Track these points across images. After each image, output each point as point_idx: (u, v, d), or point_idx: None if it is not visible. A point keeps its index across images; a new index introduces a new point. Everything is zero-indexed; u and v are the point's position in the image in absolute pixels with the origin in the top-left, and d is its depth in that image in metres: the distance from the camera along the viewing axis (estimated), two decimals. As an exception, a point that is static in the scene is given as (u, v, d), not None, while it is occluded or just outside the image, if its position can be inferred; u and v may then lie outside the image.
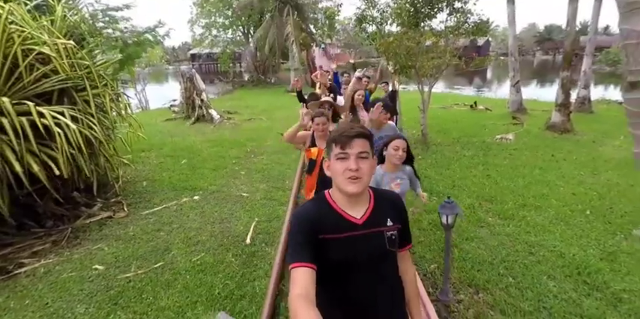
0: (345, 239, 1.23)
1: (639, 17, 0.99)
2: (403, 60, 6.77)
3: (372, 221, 1.27)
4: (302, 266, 1.09)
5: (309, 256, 1.13)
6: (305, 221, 1.22)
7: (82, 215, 4.76)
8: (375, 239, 1.27)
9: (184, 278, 3.32)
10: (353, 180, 1.19)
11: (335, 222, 1.24)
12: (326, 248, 1.20)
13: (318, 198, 1.33)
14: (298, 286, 1.04)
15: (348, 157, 1.19)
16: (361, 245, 1.24)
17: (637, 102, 1.04)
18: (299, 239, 1.18)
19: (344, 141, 1.20)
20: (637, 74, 1.01)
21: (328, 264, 1.20)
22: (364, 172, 1.19)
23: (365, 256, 1.25)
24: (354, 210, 1.27)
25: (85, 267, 3.58)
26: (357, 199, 1.27)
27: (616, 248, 3.65)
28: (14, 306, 3.05)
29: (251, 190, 5.49)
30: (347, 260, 1.23)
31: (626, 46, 1.13)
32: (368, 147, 1.22)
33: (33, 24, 3.94)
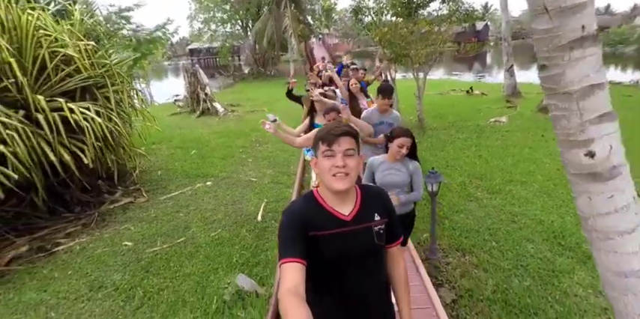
0: (335, 235, 1.25)
1: (542, 19, 1.27)
2: (398, 49, 7.09)
3: (360, 217, 1.29)
4: (291, 262, 1.11)
5: (299, 252, 1.14)
6: (294, 218, 1.25)
7: (106, 201, 5.21)
8: (364, 234, 1.29)
9: (205, 250, 3.76)
10: (340, 177, 1.21)
11: (324, 218, 1.26)
12: (316, 245, 1.22)
13: (306, 196, 1.35)
14: (287, 281, 1.06)
15: (335, 154, 1.21)
16: (351, 241, 1.27)
17: (547, 80, 1.30)
18: (288, 236, 1.20)
19: (330, 139, 1.22)
20: (543, 59, 1.29)
21: (319, 261, 1.23)
22: (351, 168, 1.21)
23: (355, 252, 1.27)
24: (342, 207, 1.29)
25: (115, 244, 4.03)
26: (344, 196, 1.28)
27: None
28: (59, 276, 3.51)
29: (259, 175, 5.91)
30: (337, 256, 1.26)
31: (534, 40, 1.42)
32: (354, 145, 1.24)
33: (57, 28, 4.32)
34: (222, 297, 2.98)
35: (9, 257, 3.90)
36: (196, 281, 3.27)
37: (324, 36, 26.78)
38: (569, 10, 1.18)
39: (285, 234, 1.21)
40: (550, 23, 1.23)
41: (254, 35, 21.16)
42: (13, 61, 3.69)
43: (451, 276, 3.29)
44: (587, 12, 1.19)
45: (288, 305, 0.97)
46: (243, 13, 22.93)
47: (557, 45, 1.24)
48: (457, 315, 2.81)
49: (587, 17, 1.19)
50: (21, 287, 3.37)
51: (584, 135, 1.31)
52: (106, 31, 5.24)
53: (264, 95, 15.51)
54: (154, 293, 3.15)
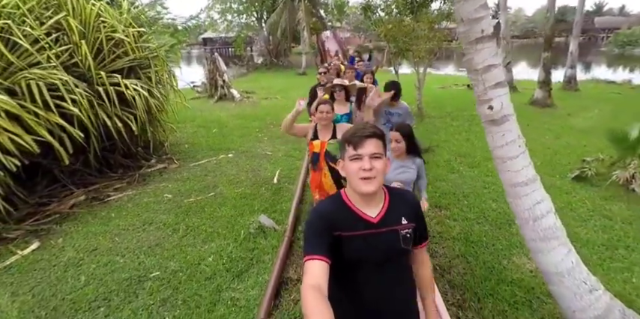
0: (361, 237, 1.25)
1: (461, 25, 1.88)
2: (401, 44, 7.88)
3: (387, 219, 1.29)
4: (315, 259, 1.13)
5: (323, 249, 1.16)
6: (321, 216, 1.26)
7: (143, 166, 6.12)
8: (390, 237, 1.28)
9: (232, 201, 4.66)
10: (367, 180, 1.21)
11: (350, 220, 1.26)
12: (341, 246, 1.23)
13: (334, 197, 1.36)
14: (311, 278, 1.08)
15: (362, 158, 1.21)
16: (376, 244, 1.26)
17: (466, 63, 1.86)
18: (314, 233, 1.22)
19: (357, 142, 1.22)
20: (463, 50, 1.87)
21: (343, 262, 1.24)
22: (378, 172, 1.21)
23: (379, 254, 1.28)
24: (369, 209, 1.29)
25: (157, 196, 4.95)
26: (371, 198, 1.28)
27: (550, 184, 4.87)
28: (115, 216, 4.43)
29: (273, 150, 6.80)
30: (362, 258, 1.26)
31: (458, 34, 2.01)
32: (381, 148, 1.24)
33: (113, 16, 5.19)
34: (248, 230, 3.89)
35: (71, 203, 4.83)
36: (227, 220, 4.18)
37: (336, 30, 27.42)
38: (474, 20, 2.01)
39: (311, 231, 1.23)
40: (464, 28, 2.06)
41: (268, 27, 21.95)
42: (83, 43, 4.59)
43: (428, 225, 4.15)
44: (485, 21, 2.02)
45: (310, 301, 0.98)
46: (259, 5, 23.71)
47: (469, 41, 2.07)
48: (429, 248, 3.68)
49: (485, 24, 2.02)
50: (86, 223, 4.29)
51: (486, 96, 2.15)
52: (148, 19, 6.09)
53: (278, 84, 16.34)
54: (194, 227, 4.07)
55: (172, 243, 3.75)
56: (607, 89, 12.55)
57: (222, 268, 3.30)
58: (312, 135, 3.00)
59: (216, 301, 2.91)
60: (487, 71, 2.09)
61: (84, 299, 2.96)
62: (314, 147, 2.97)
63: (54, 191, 5.04)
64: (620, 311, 2.22)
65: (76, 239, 3.91)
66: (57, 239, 3.95)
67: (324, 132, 2.96)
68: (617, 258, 3.31)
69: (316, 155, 2.98)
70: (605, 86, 13.51)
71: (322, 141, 2.94)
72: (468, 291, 2.99)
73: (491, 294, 2.93)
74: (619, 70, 22.91)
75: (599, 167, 4.91)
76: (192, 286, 3.08)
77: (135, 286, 3.11)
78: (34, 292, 3.09)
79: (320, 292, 1.03)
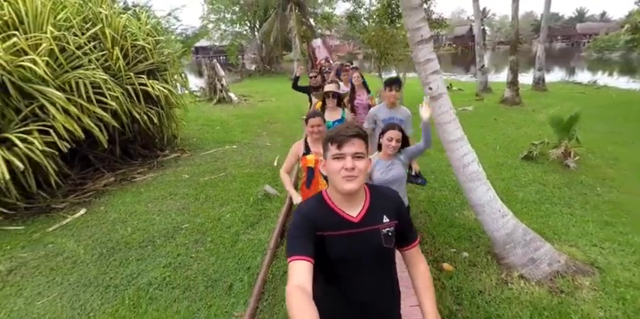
0: (342, 237, 1.26)
1: (409, 32, 2.71)
2: (382, 49, 8.96)
3: (368, 218, 1.30)
4: (298, 259, 1.14)
5: (307, 250, 1.17)
6: (304, 217, 1.28)
7: (159, 155, 7.03)
8: (372, 236, 1.29)
9: (240, 178, 5.60)
10: (349, 179, 1.22)
11: (332, 220, 1.28)
12: (324, 246, 1.25)
13: (316, 197, 1.37)
14: (295, 278, 1.09)
15: (344, 157, 1.22)
16: (358, 243, 1.28)
17: (413, 57, 2.68)
18: (297, 234, 1.23)
19: (340, 141, 1.23)
20: (412, 49, 2.72)
21: (327, 261, 1.26)
22: (360, 171, 1.23)
23: (362, 253, 1.28)
24: (351, 208, 1.30)
25: (177, 176, 5.86)
26: (353, 197, 1.29)
27: (503, 162, 5.92)
28: (144, 191, 5.33)
29: (272, 142, 7.77)
30: (344, 257, 1.27)
31: (409, 38, 2.91)
32: (363, 148, 1.26)
33: (136, 26, 6.15)
34: (256, 196, 4.84)
35: (104, 182, 5.72)
36: (238, 191, 5.12)
37: (326, 37, 28.66)
38: (416, 29, 3.02)
39: (295, 232, 1.24)
40: (410, 34, 3.07)
41: (261, 35, 23.06)
42: (116, 49, 5.54)
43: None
44: (424, 29, 3.03)
45: (295, 302, 1.00)
46: (252, 15, 24.87)
47: (413, 42, 3.08)
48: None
49: (423, 31, 3.03)
50: (121, 196, 5.18)
51: (427, 80, 3.14)
52: (163, 29, 7.05)
53: (271, 89, 17.36)
54: (212, 196, 4.99)
55: (196, 207, 4.68)
56: (574, 89, 13.81)
57: (238, 221, 4.25)
58: (304, 150, 2.79)
59: (236, 240, 3.84)
60: (426, 63, 3.10)
61: (133, 242, 3.88)
62: (307, 161, 2.72)
63: (87, 174, 5.93)
64: (522, 229, 3.22)
65: (116, 207, 4.80)
66: (99, 207, 4.85)
67: (317, 145, 2.72)
68: (541, 210, 4.31)
69: (311, 170, 2.73)
70: (572, 87, 14.80)
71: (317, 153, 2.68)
72: (426, 232, 3.97)
73: (443, 234, 3.91)
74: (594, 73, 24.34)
75: (543, 148, 5.96)
76: (217, 232, 4.02)
77: (172, 233, 4.03)
78: (93, 238, 3.99)
79: (305, 292, 1.03)
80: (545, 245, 3.13)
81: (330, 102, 3.99)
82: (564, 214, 4.13)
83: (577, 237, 3.59)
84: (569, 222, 3.92)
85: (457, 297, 2.92)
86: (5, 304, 3.02)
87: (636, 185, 4.87)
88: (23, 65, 4.36)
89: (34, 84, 4.53)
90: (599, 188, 4.78)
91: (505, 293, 2.89)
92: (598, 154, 6.04)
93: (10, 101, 4.57)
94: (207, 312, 2.81)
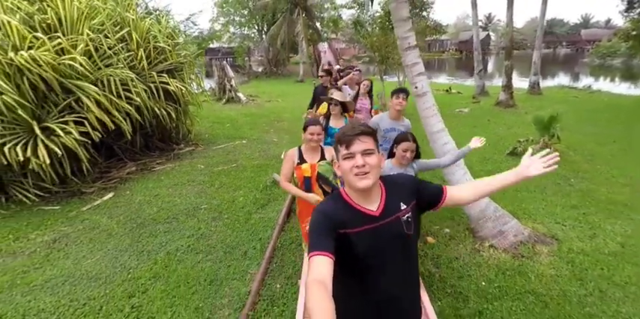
0: (367, 231, 1.29)
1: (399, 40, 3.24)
2: (384, 53, 9.55)
3: (388, 210, 1.33)
4: (320, 255, 1.15)
5: (327, 246, 1.18)
6: (325, 215, 1.30)
7: (175, 149, 7.64)
8: (394, 226, 1.33)
9: (250, 168, 6.18)
10: (362, 176, 1.26)
11: (353, 217, 1.30)
12: (350, 243, 1.27)
13: (334, 196, 1.41)
14: (316, 272, 1.10)
15: (354, 155, 1.26)
16: (382, 235, 1.31)
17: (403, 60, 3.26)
18: (317, 231, 1.25)
19: (348, 141, 1.27)
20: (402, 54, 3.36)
21: (353, 258, 1.29)
22: (372, 166, 1.26)
23: (386, 244, 1.32)
24: (370, 203, 1.33)
25: (192, 166, 6.45)
26: (369, 193, 1.33)
27: (489, 157, 6.47)
28: (164, 178, 5.93)
29: (279, 138, 8.36)
30: (370, 251, 1.30)
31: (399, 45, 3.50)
32: (372, 144, 1.29)
33: (157, 30, 6.77)
34: (265, 183, 5.42)
35: (127, 171, 6.32)
36: (249, 179, 5.70)
37: (332, 41, 29.31)
38: (404, 38, 3.59)
39: (315, 229, 1.26)
40: (400, 41, 3.64)
41: (269, 38, 23.75)
42: (142, 50, 6.16)
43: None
44: (411, 38, 3.60)
45: (314, 296, 1.01)
46: (260, 18, 25.61)
47: (403, 48, 3.65)
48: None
49: (410, 39, 3.60)
50: (144, 182, 5.77)
51: (414, 80, 3.72)
52: (181, 32, 7.67)
53: (278, 90, 17.99)
54: (226, 183, 5.58)
55: (212, 191, 5.27)
56: (568, 93, 14.32)
57: (250, 203, 4.83)
58: (298, 159, 2.70)
59: (249, 218, 4.42)
60: (413, 66, 3.68)
61: (159, 218, 4.47)
62: (303, 171, 2.64)
63: (111, 163, 6.53)
64: (494, 207, 3.77)
65: (140, 191, 5.40)
66: (125, 191, 5.44)
67: (312, 154, 2.68)
68: (518, 196, 4.85)
69: (308, 180, 2.65)
70: (567, 91, 15.30)
71: (312, 164, 2.64)
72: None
73: (429, 214, 4.44)
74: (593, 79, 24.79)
75: (527, 145, 6.49)
76: (232, 211, 4.60)
77: (192, 212, 4.62)
78: (123, 216, 4.59)
79: (325, 287, 1.04)
80: (512, 221, 3.68)
81: (333, 109, 3.85)
82: (537, 199, 4.67)
83: (544, 217, 4.14)
84: (539, 206, 4.47)
85: (436, 262, 3.48)
86: (56, 264, 3.61)
87: (606, 177, 5.39)
88: (64, 63, 4.97)
89: (73, 80, 5.14)
90: (573, 179, 5.31)
91: (476, 259, 3.44)
92: (578, 151, 6.56)
93: (50, 95, 5.19)
94: (227, 270, 3.39)
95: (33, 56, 4.58)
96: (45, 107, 5.24)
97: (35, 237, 4.17)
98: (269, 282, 3.22)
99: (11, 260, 3.72)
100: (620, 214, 4.20)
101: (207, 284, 3.19)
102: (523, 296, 2.92)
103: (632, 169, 5.67)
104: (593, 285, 3.02)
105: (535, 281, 3.08)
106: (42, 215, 4.73)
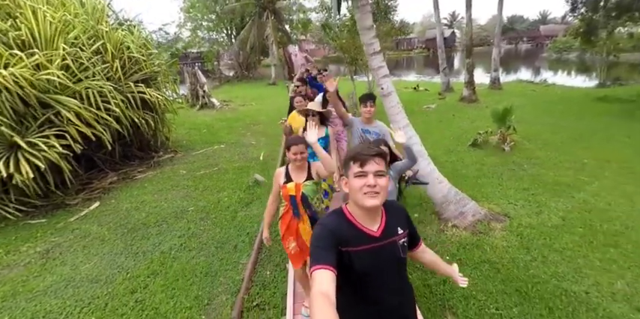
0: (367, 251, 1.35)
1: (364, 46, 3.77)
2: (352, 54, 10.01)
3: (387, 232, 1.40)
4: (321, 269, 1.19)
5: (329, 260, 1.22)
6: (328, 230, 1.34)
7: (154, 157, 7.80)
8: (391, 248, 1.40)
9: (232, 171, 6.47)
10: (372, 195, 1.30)
11: (355, 235, 1.36)
12: (349, 260, 1.32)
13: (337, 213, 1.45)
14: (320, 285, 1.13)
15: (367, 175, 1.30)
16: (381, 256, 1.38)
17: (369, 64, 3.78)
18: (320, 246, 1.28)
19: (363, 160, 1.31)
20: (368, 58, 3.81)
21: (353, 275, 1.34)
22: (382, 187, 1.31)
23: (384, 265, 1.39)
24: (371, 224, 1.39)
25: (174, 172, 6.67)
26: (373, 213, 1.39)
27: (453, 149, 7.02)
28: (148, 185, 6.12)
29: (256, 141, 8.66)
30: (369, 270, 1.36)
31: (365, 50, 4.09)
32: (384, 166, 1.34)
33: (131, 40, 6.93)
34: (247, 184, 5.73)
35: (109, 181, 6.47)
36: (231, 181, 6.00)
37: (301, 42, 29.69)
38: (370, 44, 4.02)
39: (318, 244, 1.30)
40: (366, 47, 4.07)
41: (239, 42, 23.85)
42: (117, 61, 6.33)
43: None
44: (375, 44, 4.02)
45: (319, 308, 1.04)
46: (228, 22, 25.66)
47: (369, 53, 4.08)
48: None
49: (375, 46, 4.03)
50: (127, 191, 5.95)
51: (380, 82, 4.15)
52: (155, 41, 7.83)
53: (251, 93, 18.20)
54: (209, 186, 5.85)
55: (197, 194, 5.54)
56: (526, 87, 15.31)
57: (235, 202, 5.14)
58: (285, 178, 2.64)
59: (235, 216, 4.74)
60: (379, 69, 4.11)
61: (149, 222, 4.71)
62: (288, 190, 2.59)
63: (92, 174, 6.65)
64: (455, 192, 4.26)
65: (126, 198, 5.60)
66: (110, 200, 5.63)
67: (298, 174, 2.63)
68: (477, 182, 5.38)
69: (293, 199, 2.59)
70: (525, 85, 16.34)
71: (297, 184, 2.58)
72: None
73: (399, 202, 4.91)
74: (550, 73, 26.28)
75: (486, 136, 7.10)
76: (218, 211, 4.90)
77: (180, 214, 4.89)
78: (113, 223, 4.80)
79: (329, 300, 1.07)
80: (471, 203, 4.18)
81: (312, 119, 3.62)
82: (494, 184, 5.22)
83: (499, 198, 4.68)
84: (495, 189, 5.01)
85: (407, 244, 3.92)
86: (54, 271, 3.81)
87: (555, 163, 6.03)
88: (42, 78, 5.11)
89: (51, 95, 5.29)
90: (526, 165, 5.92)
91: (441, 237, 3.91)
92: (532, 141, 7.22)
93: (28, 110, 5.31)
94: (220, 263, 3.71)
95: (13, 73, 4.71)
96: (24, 122, 5.35)
97: (27, 249, 4.32)
98: (259, 270, 3.57)
99: (7, 272, 3.88)
100: (563, 193, 4.79)
101: (203, 276, 3.50)
102: (480, 265, 3.39)
103: (577, 154, 6.35)
104: (537, 252, 3.54)
105: (490, 252, 3.58)
106: (29, 228, 4.85)
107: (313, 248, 1.29)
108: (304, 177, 2.61)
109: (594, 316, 2.79)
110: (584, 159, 6.04)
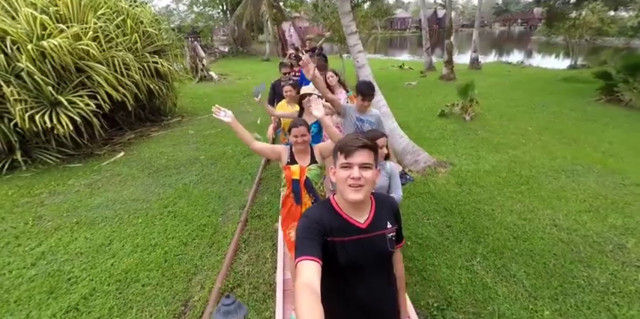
0: (352, 242, 1.33)
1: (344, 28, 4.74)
2: (341, 33, 10.96)
3: (375, 225, 1.38)
4: (307, 260, 1.17)
5: (314, 251, 1.21)
6: (313, 220, 1.32)
7: (164, 120, 8.87)
8: (379, 241, 1.38)
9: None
10: (355, 188, 1.28)
11: (341, 226, 1.34)
12: (334, 251, 1.31)
13: (324, 203, 1.43)
14: (305, 276, 1.12)
15: (352, 166, 1.27)
16: (366, 248, 1.35)
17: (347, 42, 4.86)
18: (306, 236, 1.26)
19: (348, 151, 1.28)
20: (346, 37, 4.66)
21: (335, 267, 1.32)
22: (367, 181, 1.28)
23: (370, 258, 1.37)
24: (358, 215, 1.37)
25: (184, 132, 7.78)
26: (360, 205, 1.36)
27: (424, 118, 8.21)
28: (162, 141, 7.23)
29: (254, 109, 9.72)
30: (353, 262, 1.34)
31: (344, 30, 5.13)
32: (372, 159, 1.30)
33: (146, 16, 7.84)
34: (247, 141, 6.87)
35: (128, 137, 7.56)
36: (233, 138, 7.10)
37: (295, 19, 30.10)
38: (347, 25, 5.10)
39: (303, 235, 1.27)
40: (345, 28, 5.15)
41: (235, 18, 24.33)
42: (135, 34, 7.29)
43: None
44: (353, 26, 5.11)
45: (303, 299, 1.02)
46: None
47: (347, 33, 5.16)
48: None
49: (352, 27, 5.10)
50: (146, 144, 7.06)
51: (355, 56, 5.26)
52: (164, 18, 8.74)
53: (246, 68, 19.04)
54: (215, 142, 6.99)
55: (205, 147, 6.69)
56: (503, 68, 16.45)
57: (238, 153, 6.31)
58: (289, 159, 2.56)
59: (239, 162, 5.93)
60: (354, 46, 5.20)
61: (170, 166, 5.87)
62: (292, 173, 2.52)
63: (112, 132, 7.73)
64: (412, 145, 5.48)
65: (146, 150, 6.72)
66: (132, 151, 6.74)
67: (302, 157, 2.56)
68: (437, 143, 6.58)
69: (296, 183, 2.52)
70: (503, 66, 17.48)
71: (302, 167, 2.52)
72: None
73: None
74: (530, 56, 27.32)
75: (452, 108, 8.29)
76: (225, 159, 6.08)
77: (194, 161, 6.06)
78: (139, 166, 5.94)
79: (313, 291, 1.06)
80: (424, 153, 5.41)
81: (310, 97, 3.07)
82: (449, 144, 6.45)
83: (449, 153, 5.92)
84: (449, 148, 6.24)
85: (372, 182, 5.15)
86: (102, 195, 4.97)
87: (504, 130, 7.25)
88: (78, 47, 6.10)
89: (85, 61, 6.29)
90: (480, 131, 7.14)
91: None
92: (492, 112, 8.43)
93: (66, 74, 6.31)
94: (229, 191, 4.91)
95: (59, 44, 5.70)
96: (61, 84, 6.37)
97: (73, 182, 5.46)
98: (259, 196, 4.79)
99: (63, 197, 5.03)
100: (501, 150, 6.04)
101: (217, 198, 4.72)
102: (422, 195, 4.65)
103: (524, 123, 7.58)
104: (466, 187, 4.80)
105: (432, 186, 4.83)
106: (69, 170, 5.97)
107: (298, 240, 1.27)
108: (308, 161, 2.54)
109: (492, 222, 4.05)
110: (529, 127, 7.29)
